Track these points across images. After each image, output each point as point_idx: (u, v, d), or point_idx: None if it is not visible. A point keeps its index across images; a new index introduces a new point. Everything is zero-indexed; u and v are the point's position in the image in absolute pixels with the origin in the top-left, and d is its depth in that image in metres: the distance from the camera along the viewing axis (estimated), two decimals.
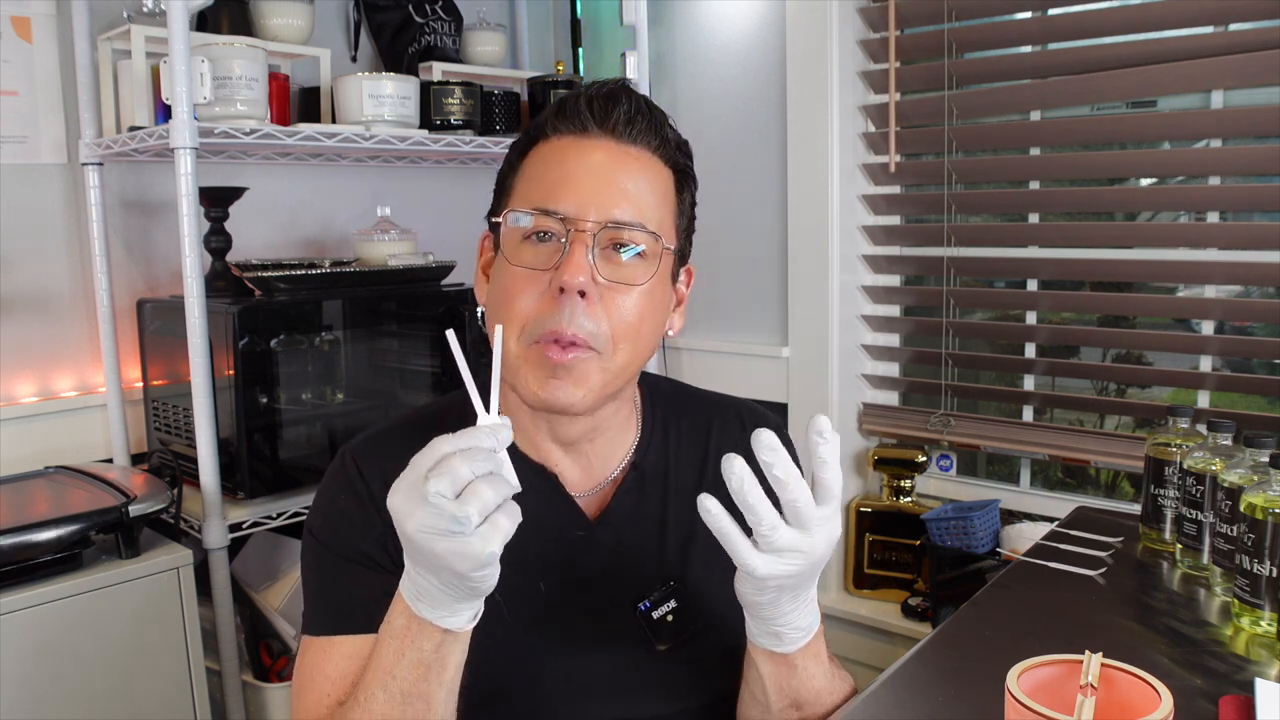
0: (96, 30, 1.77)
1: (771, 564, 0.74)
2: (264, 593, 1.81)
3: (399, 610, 0.77)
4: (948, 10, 1.91)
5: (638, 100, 0.89)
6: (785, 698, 0.88)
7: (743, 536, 0.74)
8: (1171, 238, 1.77)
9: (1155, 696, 0.67)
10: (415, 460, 0.71)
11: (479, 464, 0.69)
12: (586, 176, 0.86)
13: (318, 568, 0.92)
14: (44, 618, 1.37)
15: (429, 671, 0.77)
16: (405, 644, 0.77)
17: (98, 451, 1.85)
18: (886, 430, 2.10)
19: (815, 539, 0.75)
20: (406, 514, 0.70)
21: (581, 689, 0.92)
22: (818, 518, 0.75)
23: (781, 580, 0.76)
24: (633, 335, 0.87)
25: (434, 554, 0.69)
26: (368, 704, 0.78)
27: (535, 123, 0.92)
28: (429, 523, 0.68)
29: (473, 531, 0.68)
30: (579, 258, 0.83)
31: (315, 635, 0.89)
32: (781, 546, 0.74)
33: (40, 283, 1.80)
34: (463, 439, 0.70)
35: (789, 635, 0.83)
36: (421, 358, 1.94)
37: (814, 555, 0.76)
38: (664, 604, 0.93)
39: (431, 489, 0.67)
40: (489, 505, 0.69)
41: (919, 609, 1.96)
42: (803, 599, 0.82)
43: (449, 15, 2.25)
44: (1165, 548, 1.32)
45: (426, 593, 0.74)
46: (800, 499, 0.73)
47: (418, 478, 0.69)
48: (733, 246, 2.21)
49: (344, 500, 0.92)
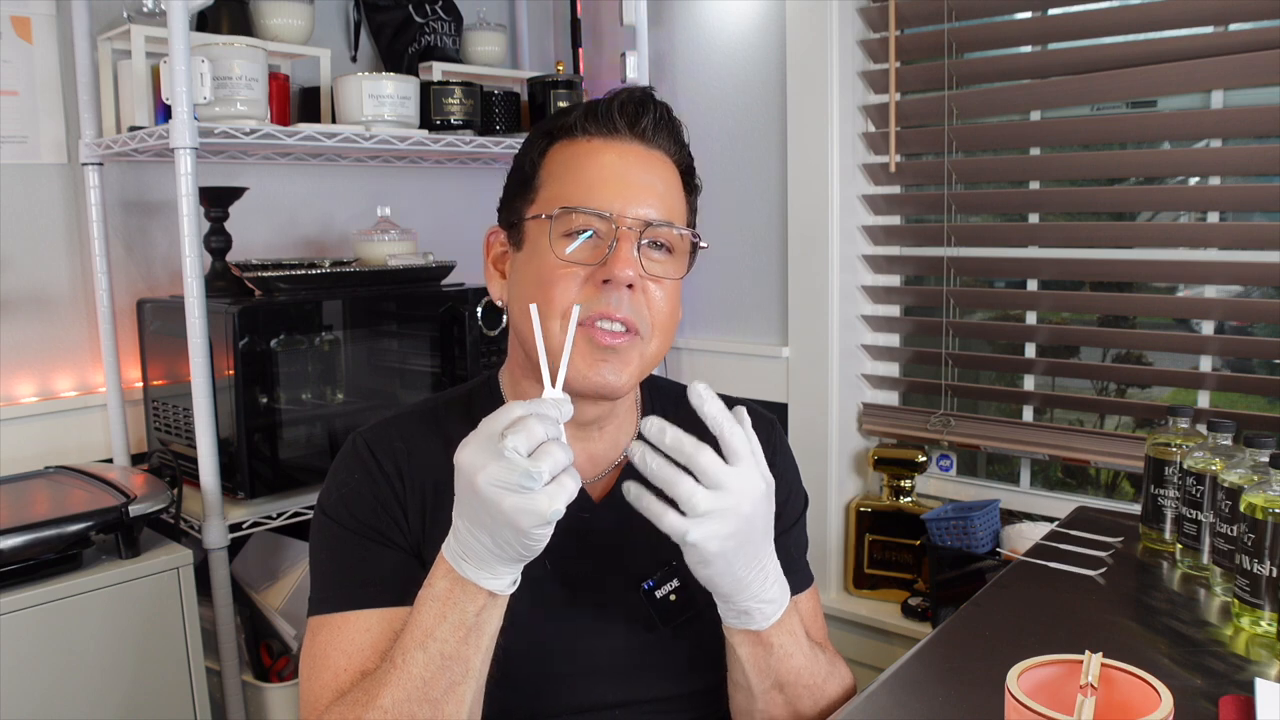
0: (96, 30, 1.77)
1: (700, 527, 0.78)
2: (264, 593, 1.81)
3: (440, 573, 0.80)
4: (948, 10, 1.91)
5: (662, 107, 0.95)
6: (766, 679, 0.90)
7: (667, 508, 0.78)
8: (1171, 238, 1.77)
9: (1155, 696, 0.67)
10: (486, 422, 0.75)
11: (551, 427, 0.74)
12: (622, 177, 0.91)
13: (330, 545, 0.93)
14: (44, 618, 1.37)
15: (469, 634, 0.79)
16: (447, 606, 0.79)
17: (98, 451, 1.85)
18: (886, 430, 2.10)
19: (736, 497, 0.78)
20: (478, 467, 0.73)
21: (586, 669, 0.95)
22: (730, 475, 0.78)
23: (719, 543, 0.79)
24: (665, 325, 0.93)
25: (499, 509, 0.73)
26: (405, 665, 0.80)
27: (559, 123, 0.95)
28: (502, 477, 0.72)
29: (541, 489, 0.72)
30: (627, 253, 0.89)
31: (328, 613, 0.90)
32: (703, 509, 0.77)
33: (40, 283, 1.80)
34: (534, 406, 0.75)
35: (757, 610, 0.86)
36: (421, 358, 1.94)
37: (741, 511, 0.79)
38: (667, 583, 0.96)
39: (509, 444, 0.72)
40: (559, 465, 0.73)
41: (919, 609, 1.97)
42: (760, 570, 0.85)
43: (449, 15, 2.25)
44: (1165, 548, 1.32)
45: (474, 553, 0.77)
46: (704, 462, 0.77)
47: (492, 433, 0.73)
48: (733, 246, 2.21)
49: (358, 478, 0.94)
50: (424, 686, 0.79)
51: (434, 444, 0.96)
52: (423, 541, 0.93)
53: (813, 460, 2.09)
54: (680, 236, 0.94)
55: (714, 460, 0.78)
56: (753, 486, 0.80)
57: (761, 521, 0.82)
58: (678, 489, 0.77)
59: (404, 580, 0.89)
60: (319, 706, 0.87)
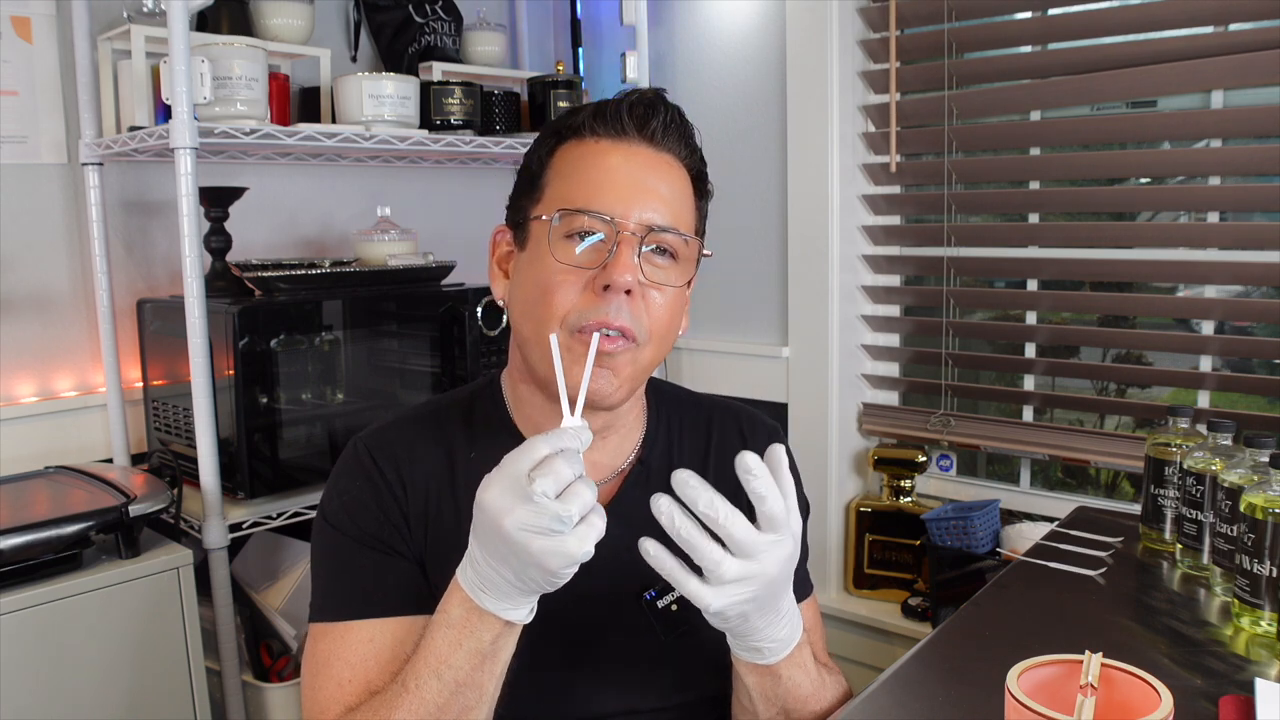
0: (96, 30, 1.77)
1: (723, 596, 0.75)
2: (264, 593, 1.81)
3: (456, 600, 0.78)
4: (948, 10, 1.91)
5: (673, 110, 0.93)
6: (773, 706, 0.90)
7: (689, 575, 0.75)
8: (1171, 238, 1.77)
9: (1155, 696, 0.67)
10: (510, 459, 0.73)
11: (575, 463, 0.72)
12: (628, 180, 0.89)
13: (333, 553, 0.93)
14: (44, 618, 1.37)
15: (484, 661, 0.79)
16: (463, 634, 0.78)
17: (98, 451, 1.85)
18: (886, 430, 2.10)
19: (763, 564, 0.75)
20: (504, 510, 0.71)
21: (587, 678, 0.94)
22: (762, 543, 0.75)
23: (739, 608, 0.77)
24: (663, 332, 0.91)
25: (527, 551, 0.71)
26: (419, 690, 0.79)
27: (568, 122, 0.94)
28: (531, 521, 0.70)
29: (570, 531, 0.70)
30: (627, 258, 0.87)
31: (330, 621, 0.89)
32: (729, 578, 0.74)
33: (40, 283, 1.80)
34: (556, 440, 0.73)
35: (768, 649, 0.85)
36: (421, 358, 1.94)
37: (766, 577, 0.76)
38: (669, 594, 0.95)
39: (538, 489, 0.70)
40: (587, 505, 0.71)
41: (919, 609, 1.96)
42: (776, 615, 0.83)
43: (449, 15, 2.25)
44: (1165, 548, 1.32)
45: (494, 585, 0.75)
46: (737, 532, 0.73)
47: (518, 475, 0.71)
48: (733, 246, 2.21)
49: (360, 485, 0.94)
50: (438, 713, 0.79)
51: (435, 448, 0.95)
52: (425, 547, 0.92)
53: (813, 460, 2.09)
54: (685, 243, 0.91)
55: (748, 531, 0.74)
56: (781, 554, 0.76)
57: (785, 577, 0.79)
58: (704, 558, 0.73)
59: (407, 590, 0.89)
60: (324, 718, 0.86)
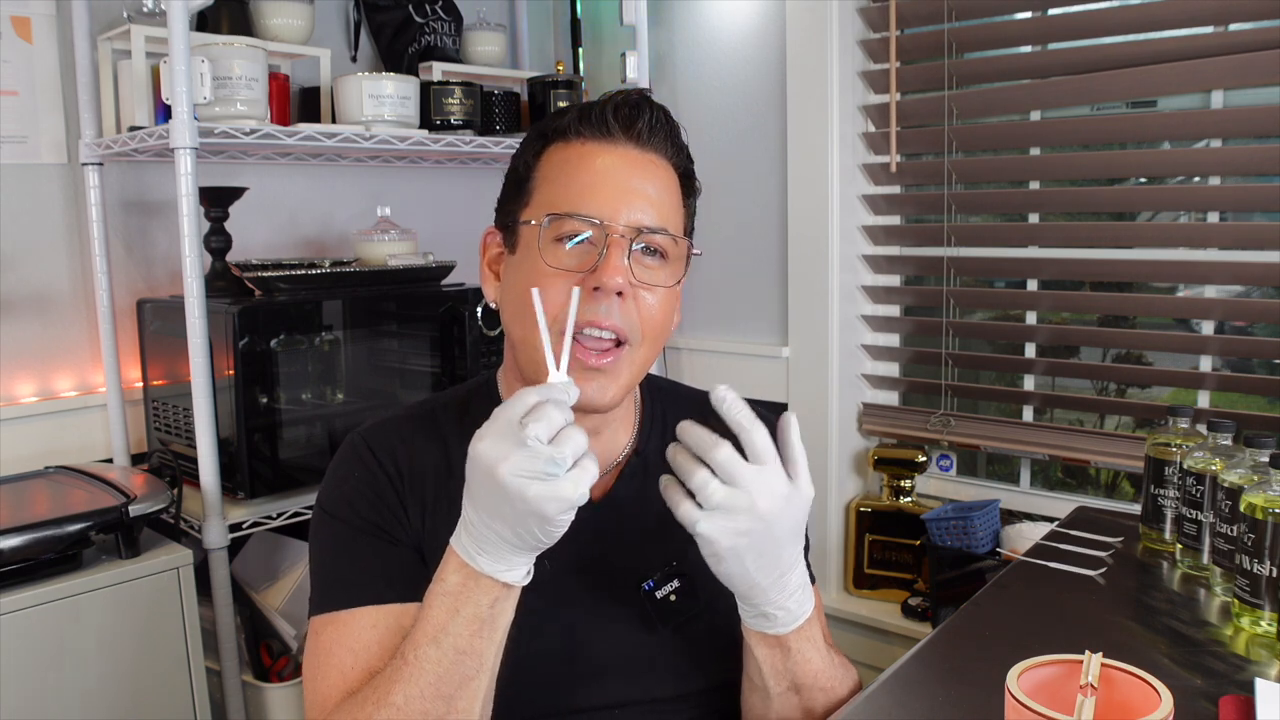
0: (96, 30, 1.77)
1: (711, 520, 0.78)
2: (264, 593, 1.81)
3: (452, 568, 0.80)
4: (948, 10, 1.91)
5: (658, 110, 0.93)
6: (783, 681, 0.90)
7: (684, 498, 0.79)
8: (1171, 238, 1.77)
9: (1155, 696, 0.67)
10: (501, 410, 0.75)
11: (566, 412, 0.74)
12: (615, 182, 0.90)
13: (332, 542, 0.93)
14: (44, 618, 1.37)
15: (483, 627, 0.79)
16: (460, 600, 0.79)
17: (98, 451, 1.85)
18: (886, 430, 2.10)
19: (751, 494, 0.78)
20: (499, 457, 0.73)
21: (586, 669, 0.94)
22: (749, 472, 0.78)
23: (730, 539, 0.79)
24: (656, 332, 0.92)
25: (523, 498, 0.72)
26: (418, 661, 0.79)
27: (553, 125, 0.94)
28: (525, 466, 0.72)
29: (565, 475, 0.72)
30: (617, 260, 0.87)
31: (331, 611, 0.89)
32: (716, 503, 0.77)
33: (40, 283, 1.80)
34: (545, 391, 0.75)
35: (776, 616, 0.86)
36: (421, 358, 1.94)
37: (756, 509, 0.78)
38: (667, 584, 0.95)
39: (530, 432, 0.71)
40: (580, 449, 0.73)
41: (919, 609, 1.96)
42: (778, 575, 0.84)
43: (449, 15, 2.25)
44: (1165, 548, 1.32)
45: (490, 544, 0.77)
46: (721, 457, 0.77)
47: (510, 422, 0.73)
48: (733, 246, 2.20)
49: (359, 475, 0.94)
50: (437, 682, 0.79)
51: (432, 445, 0.96)
52: (423, 537, 0.92)
53: (813, 460, 2.05)
54: (675, 243, 0.92)
55: (730, 456, 0.78)
56: (772, 488, 0.79)
57: (782, 527, 0.81)
58: (693, 479, 0.78)
59: (408, 576, 0.89)
60: (327, 706, 0.86)
